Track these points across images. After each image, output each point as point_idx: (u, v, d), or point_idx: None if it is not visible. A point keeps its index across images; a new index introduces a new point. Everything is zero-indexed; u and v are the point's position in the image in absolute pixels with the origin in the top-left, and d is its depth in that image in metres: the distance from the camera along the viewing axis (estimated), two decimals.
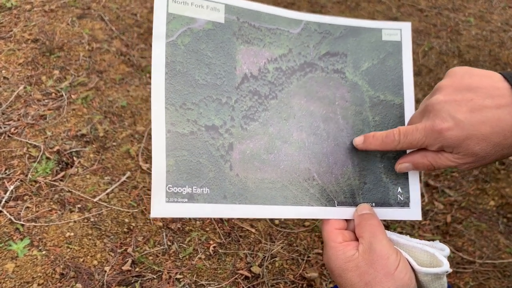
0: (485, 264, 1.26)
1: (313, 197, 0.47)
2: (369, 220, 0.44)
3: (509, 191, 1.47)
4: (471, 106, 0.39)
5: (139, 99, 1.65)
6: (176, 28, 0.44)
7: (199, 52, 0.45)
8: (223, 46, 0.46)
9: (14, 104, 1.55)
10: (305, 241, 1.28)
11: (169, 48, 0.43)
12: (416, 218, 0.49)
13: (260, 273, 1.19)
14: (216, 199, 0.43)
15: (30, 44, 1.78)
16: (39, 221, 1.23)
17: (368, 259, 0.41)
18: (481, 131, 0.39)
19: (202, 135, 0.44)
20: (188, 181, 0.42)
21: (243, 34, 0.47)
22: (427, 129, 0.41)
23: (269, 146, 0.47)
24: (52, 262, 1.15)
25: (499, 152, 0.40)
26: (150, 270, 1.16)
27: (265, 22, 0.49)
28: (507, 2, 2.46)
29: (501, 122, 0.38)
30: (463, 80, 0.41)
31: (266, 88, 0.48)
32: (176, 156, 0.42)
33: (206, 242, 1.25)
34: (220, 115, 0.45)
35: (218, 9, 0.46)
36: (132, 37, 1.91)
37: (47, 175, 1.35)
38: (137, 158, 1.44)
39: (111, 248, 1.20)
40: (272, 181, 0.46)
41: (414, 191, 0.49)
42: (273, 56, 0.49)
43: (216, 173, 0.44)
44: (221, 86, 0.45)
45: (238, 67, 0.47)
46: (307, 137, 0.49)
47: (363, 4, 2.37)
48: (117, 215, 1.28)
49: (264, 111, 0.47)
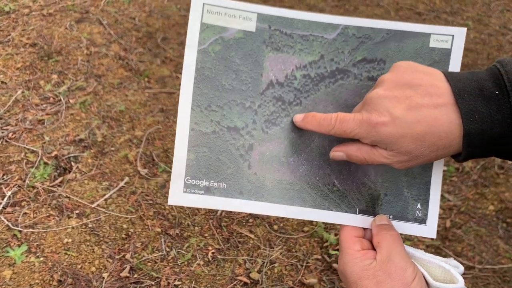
0: (484, 269, 1.26)
1: (332, 202, 0.47)
2: (388, 231, 0.45)
3: (509, 195, 1.46)
4: (409, 103, 0.39)
5: (138, 103, 1.65)
6: (208, 37, 0.47)
7: (227, 59, 0.47)
8: (252, 54, 0.48)
9: (12, 109, 1.55)
10: (304, 247, 1.28)
11: (200, 55, 0.46)
12: (430, 236, 0.49)
13: (259, 279, 1.18)
14: (232, 194, 0.45)
15: (28, 49, 1.78)
16: (37, 227, 1.22)
17: (385, 269, 0.41)
18: (416, 130, 0.39)
19: (223, 135, 0.46)
20: (206, 175, 0.44)
21: (273, 41, 0.48)
22: (363, 121, 0.41)
23: (289, 150, 0.47)
24: (49, 268, 1.14)
25: (434, 153, 0.40)
26: (148, 277, 1.16)
27: (298, 28, 0.49)
28: (505, 6, 2.46)
29: (437, 122, 0.38)
30: (405, 75, 0.41)
31: (291, 95, 0.48)
32: (197, 152, 0.45)
33: (205, 248, 1.24)
34: (243, 118, 0.47)
35: (250, 18, 0.48)
36: (130, 41, 1.91)
37: (45, 180, 1.34)
38: (136, 163, 1.43)
39: (109, 254, 1.19)
40: (290, 182, 0.47)
41: (433, 209, 0.49)
42: (302, 63, 0.49)
43: (234, 170, 0.45)
44: (246, 92, 0.47)
45: (264, 73, 0.48)
46: (329, 144, 0.48)
47: (361, 8, 2.37)
48: (115, 221, 1.27)
49: (287, 117, 0.48)
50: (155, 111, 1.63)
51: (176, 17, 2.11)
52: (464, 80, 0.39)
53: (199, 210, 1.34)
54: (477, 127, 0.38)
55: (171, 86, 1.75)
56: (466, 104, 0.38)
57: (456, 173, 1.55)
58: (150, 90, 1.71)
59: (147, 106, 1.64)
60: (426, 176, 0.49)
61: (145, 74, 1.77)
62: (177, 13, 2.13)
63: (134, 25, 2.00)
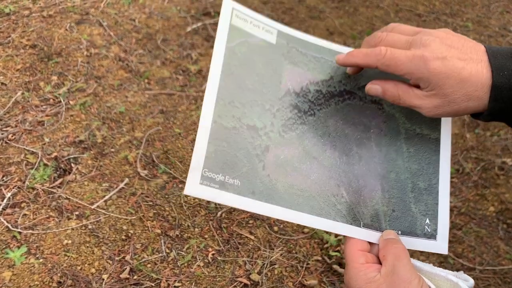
0: (485, 270, 1.26)
1: (339, 213, 0.47)
2: (394, 244, 0.44)
3: (509, 196, 1.46)
4: (458, 53, 0.43)
5: (138, 104, 1.65)
6: (236, 37, 0.49)
7: (251, 62, 0.49)
8: (272, 62, 0.51)
9: (11, 110, 1.54)
10: (304, 248, 1.28)
11: (228, 51, 0.48)
12: (441, 252, 0.48)
13: (259, 281, 1.18)
14: (244, 193, 0.45)
15: (28, 50, 1.78)
16: (37, 228, 1.22)
17: (390, 282, 0.40)
18: (461, 75, 0.42)
19: (243, 132, 0.47)
20: (223, 170, 0.45)
21: (291, 56, 0.52)
22: (415, 56, 0.43)
23: (302, 157, 0.49)
24: (49, 270, 1.14)
25: (465, 103, 0.43)
26: (148, 278, 1.15)
27: (312, 50, 0.53)
28: (504, 7, 2.47)
29: (477, 73, 0.42)
30: (449, 37, 0.44)
31: (306, 105, 0.51)
32: (217, 145, 0.45)
33: (205, 249, 1.24)
34: (262, 118, 0.48)
35: (271, 32, 0.51)
36: (130, 43, 1.91)
37: (44, 182, 1.34)
38: (135, 164, 1.43)
39: (109, 255, 1.19)
40: (301, 188, 0.47)
41: (442, 224, 0.49)
42: (315, 79, 0.52)
43: (249, 169, 0.46)
44: (266, 94, 0.49)
45: (283, 82, 0.50)
46: (340, 156, 0.50)
47: (361, 9, 2.38)
48: (115, 222, 1.27)
49: (302, 125, 0.50)
50: (155, 113, 1.63)
51: (176, 18, 2.11)
52: (498, 48, 0.44)
53: (199, 211, 1.34)
54: (505, 81, 0.41)
55: (171, 87, 1.75)
56: (498, 61, 0.42)
57: (456, 174, 1.55)
58: (150, 91, 1.71)
59: (147, 108, 1.64)
60: (433, 191, 0.49)
61: (145, 76, 1.77)
62: (177, 15, 2.13)
63: (134, 26, 2.00)
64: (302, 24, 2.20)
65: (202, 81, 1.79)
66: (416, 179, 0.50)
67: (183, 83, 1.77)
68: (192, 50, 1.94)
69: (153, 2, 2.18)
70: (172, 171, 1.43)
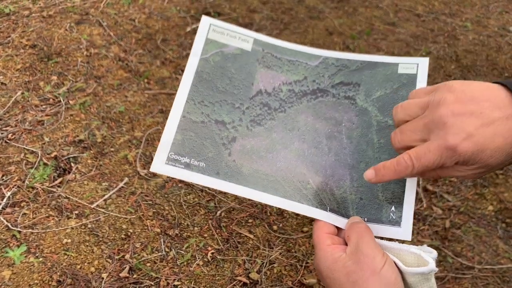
0: (484, 269, 1.26)
1: (304, 197, 0.50)
2: (357, 224, 0.46)
3: (508, 196, 1.47)
4: (481, 119, 0.39)
5: (137, 104, 1.65)
6: (211, 49, 0.54)
7: (224, 68, 0.54)
8: (246, 67, 0.55)
9: (11, 110, 1.55)
10: (303, 247, 1.28)
11: (201, 62, 0.53)
12: (405, 238, 0.49)
13: (258, 280, 1.18)
14: (209, 173, 0.48)
15: (28, 50, 1.78)
16: (36, 227, 1.22)
17: (355, 259, 0.42)
18: (495, 144, 0.39)
19: (211, 125, 0.51)
20: (189, 154, 0.49)
21: (265, 61, 0.56)
22: (441, 148, 0.40)
23: (269, 147, 0.52)
24: (49, 269, 1.14)
25: (509, 161, 0.41)
26: (148, 277, 1.16)
27: (287, 55, 0.57)
28: (503, 7, 2.47)
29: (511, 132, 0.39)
30: (466, 93, 0.41)
31: (276, 103, 0.54)
32: (184, 135, 0.50)
33: (204, 248, 1.24)
34: (231, 115, 0.52)
35: (247, 41, 0.55)
36: (130, 43, 1.92)
37: (44, 181, 1.34)
38: (135, 164, 1.44)
39: (109, 254, 1.19)
40: (266, 173, 0.50)
41: (407, 212, 0.50)
42: (288, 80, 0.55)
43: (215, 155, 0.50)
44: (237, 95, 0.53)
45: (255, 83, 0.54)
46: (308, 148, 0.52)
47: (361, 9, 2.38)
48: (115, 221, 1.27)
49: (271, 120, 0.53)
50: (155, 112, 1.63)
51: (176, 18, 2.11)
52: None
53: (198, 210, 1.34)
54: None
55: (171, 87, 1.75)
56: None
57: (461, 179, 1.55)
58: (150, 91, 1.72)
59: (147, 107, 1.65)
60: (401, 180, 0.50)
61: (145, 75, 1.77)
62: (177, 15, 2.14)
63: (134, 26, 2.01)
64: (302, 24, 2.21)
65: None
66: None
67: None
68: None
69: (152, 2, 2.18)
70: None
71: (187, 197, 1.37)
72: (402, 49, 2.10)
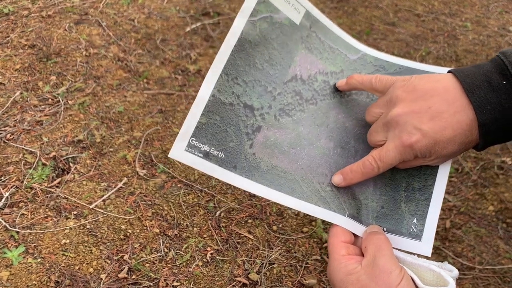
0: (485, 270, 1.25)
1: (322, 199, 0.47)
2: (376, 235, 0.44)
3: (508, 196, 1.46)
4: (430, 114, 0.42)
5: (136, 104, 1.64)
6: (261, 11, 0.48)
7: (268, 40, 0.49)
8: (288, 44, 0.50)
9: (10, 110, 1.54)
10: (303, 248, 1.27)
11: (247, 25, 0.47)
12: (425, 254, 0.47)
13: (258, 280, 1.17)
14: (227, 166, 0.45)
15: (27, 50, 1.78)
16: (35, 228, 1.22)
17: (370, 273, 0.40)
18: (445, 136, 0.42)
19: (239, 110, 0.47)
20: (210, 142, 0.45)
21: (309, 41, 0.52)
22: (399, 147, 0.43)
23: (294, 142, 0.49)
24: (47, 270, 1.13)
25: (463, 147, 0.44)
26: (146, 278, 1.15)
27: (330, 39, 0.53)
28: (503, 7, 2.47)
29: (460, 124, 0.42)
30: (417, 88, 0.44)
31: (309, 93, 0.51)
32: (209, 118, 0.46)
33: (204, 248, 1.24)
34: (261, 99, 0.48)
35: (299, 11, 0.51)
36: (129, 43, 1.91)
37: (43, 181, 1.33)
38: (134, 164, 1.43)
39: (107, 255, 1.19)
40: (284, 171, 0.47)
41: (430, 226, 0.48)
42: (325, 70, 0.52)
43: (236, 145, 0.46)
44: (272, 76, 0.49)
45: (292, 66, 0.50)
46: (334, 147, 0.50)
47: (360, 10, 2.38)
48: (114, 221, 1.27)
49: (300, 112, 0.50)
50: (154, 112, 1.62)
51: (175, 18, 2.11)
52: (472, 75, 0.42)
53: (198, 211, 1.33)
54: (490, 116, 0.41)
55: (170, 87, 1.75)
56: (477, 97, 0.41)
57: (455, 174, 1.55)
58: (149, 91, 1.71)
59: (146, 107, 1.64)
60: (427, 192, 0.49)
61: (144, 75, 1.77)
62: (176, 15, 2.13)
63: (133, 26, 2.00)
64: None
65: (201, 81, 1.78)
66: (412, 179, 0.49)
67: (182, 83, 1.77)
68: (191, 50, 1.94)
69: (152, 2, 2.18)
70: (170, 171, 1.43)
71: (186, 197, 1.36)
72: (402, 49, 2.09)
